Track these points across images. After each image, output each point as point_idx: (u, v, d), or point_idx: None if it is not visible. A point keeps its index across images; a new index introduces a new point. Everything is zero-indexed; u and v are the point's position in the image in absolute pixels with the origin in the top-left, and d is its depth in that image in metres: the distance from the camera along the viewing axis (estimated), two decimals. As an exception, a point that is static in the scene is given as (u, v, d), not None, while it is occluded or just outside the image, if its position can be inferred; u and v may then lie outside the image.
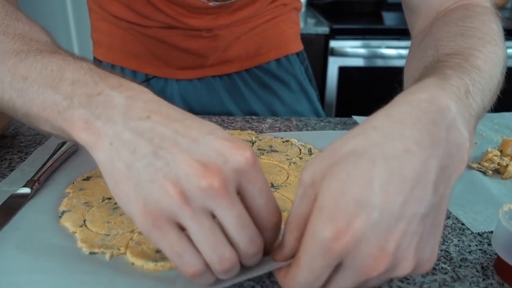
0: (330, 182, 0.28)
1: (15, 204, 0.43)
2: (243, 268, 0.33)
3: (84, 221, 0.41)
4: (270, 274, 0.36)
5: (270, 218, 0.31)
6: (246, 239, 0.30)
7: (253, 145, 0.58)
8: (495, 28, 0.45)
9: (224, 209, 0.29)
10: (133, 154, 0.30)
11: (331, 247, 0.27)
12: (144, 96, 0.32)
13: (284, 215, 0.43)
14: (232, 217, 0.29)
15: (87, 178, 0.49)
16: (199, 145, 0.30)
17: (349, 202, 0.27)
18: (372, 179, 0.27)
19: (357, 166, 0.28)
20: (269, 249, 0.33)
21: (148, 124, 0.30)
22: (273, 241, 0.33)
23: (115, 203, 0.44)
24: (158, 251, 0.37)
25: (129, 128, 0.30)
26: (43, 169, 0.49)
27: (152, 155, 0.29)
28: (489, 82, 0.37)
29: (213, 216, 0.30)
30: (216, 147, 0.29)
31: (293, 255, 0.31)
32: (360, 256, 0.27)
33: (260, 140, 0.59)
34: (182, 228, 0.30)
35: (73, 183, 0.48)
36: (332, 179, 0.28)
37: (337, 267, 0.29)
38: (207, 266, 0.30)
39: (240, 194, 0.31)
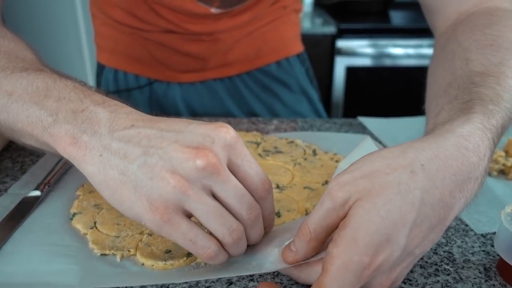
0: (369, 215, 0.29)
1: (26, 207, 0.45)
2: (255, 256, 0.36)
3: (95, 223, 0.42)
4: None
5: (262, 186, 0.34)
6: (246, 206, 0.32)
7: (258, 146, 0.59)
8: None
9: (222, 183, 0.31)
10: (125, 159, 0.31)
11: (361, 276, 0.29)
12: (126, 109, 0.34)
13: (290, 215, 0.44)
14: (230, 188, 0.31)
15: (97, 181, 0.50)
16: (184, 134, 0.32)
17: (382, 239, 0.29)
18: (407, 223, 0.29)
19: (398, 207, 0.29)
20: (268, 222, 0.36)
21: (134, 130, 0.32)
22: (269, 211, 0.36)
23: (124, 205, 0.45)
24: (167, 251, 0.38)
25: (116, 138, 0.32)
26: (53, 172, 0.51)
27: (144, 155, 0.31)
28: None
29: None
30: (201, 131, 0.32)
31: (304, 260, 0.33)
32: (370, 281, 0.30)
33: (265, 141, 0.60)
34: (188, 216, 0.32)
35: (83, 185, 0.49)
36: (372, 213, 0.29)
37: None
38: (220, 245, 0.33)
39: (232, 170, 0.33)
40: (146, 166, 0.31)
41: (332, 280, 0.29)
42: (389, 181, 0.30)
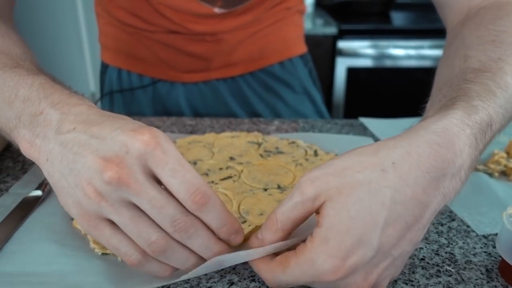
0: (340, 216, 0.29)
1: (28, 206, 0.45)
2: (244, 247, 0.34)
3: (95, 222, 0.42)
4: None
5: (192, 198, 0.30)
6: (168, 218, 0.30)
7: (259, 146, 0.59)
8: None
9: (135, 196, 0.30)
10: (61, 164, 0.32)
11: (326, 277, 0.29)
12: (77, 109, 0.34)
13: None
14: (145, 201, 0.30)
15: (98, 180, 0.50)
16: (106, 142, 0.31)
17: (353, 239, 0.29)
18: (378, 222, 0.29)
19: (368, 206, 0.29)
20: (225, 235, 0.33)
21: (72, 134, 0.32)
22: (217, 224, 0.32)
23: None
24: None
25: (58, 142, 0.32)
26: (55, 172, 0.51)
27: (72, 163, 0.31)
28: None
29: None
30: (121, 139, 0.30)
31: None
32: (345, 283, 0.30)
33: (266, 141, 0.60)
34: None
35: (84, 185, 0.49)
36: (342, 214, 0.29)
37: None
38: (145, 254, 0.32)
39: (158, 179, 0.31)
40: (73, 174, 0.31)
41: (297, 266, 0.30)
42: (360, 180, 0.29)
